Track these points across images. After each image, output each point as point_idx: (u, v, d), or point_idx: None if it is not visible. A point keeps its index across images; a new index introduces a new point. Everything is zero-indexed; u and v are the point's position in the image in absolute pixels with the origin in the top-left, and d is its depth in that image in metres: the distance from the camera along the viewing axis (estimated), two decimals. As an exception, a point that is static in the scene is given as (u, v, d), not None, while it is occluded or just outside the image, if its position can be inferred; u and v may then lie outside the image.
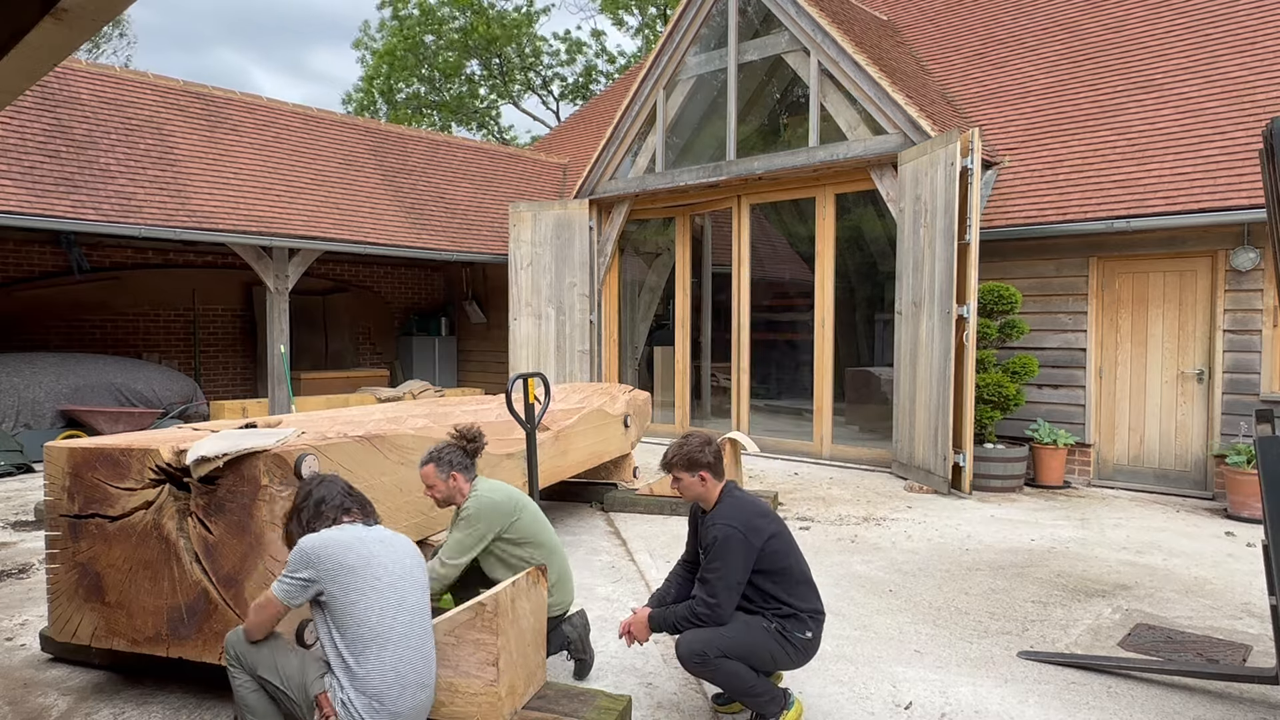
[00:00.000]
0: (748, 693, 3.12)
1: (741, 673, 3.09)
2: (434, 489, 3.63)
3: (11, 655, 3.95)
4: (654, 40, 27.82)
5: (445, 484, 3.61)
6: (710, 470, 3.34)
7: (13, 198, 8.14)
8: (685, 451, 3.35)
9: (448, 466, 3.60)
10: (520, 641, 3.06)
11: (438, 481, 3.60)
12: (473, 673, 2.93)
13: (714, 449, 3.37)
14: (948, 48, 11.20)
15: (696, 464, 3.34)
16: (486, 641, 2.92)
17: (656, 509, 6.76)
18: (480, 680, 2.92)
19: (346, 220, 10.91)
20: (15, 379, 9.07)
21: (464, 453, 3.68)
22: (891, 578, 5.13)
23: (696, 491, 3.37)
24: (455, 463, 3.62)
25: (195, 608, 3.24)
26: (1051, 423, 8.21)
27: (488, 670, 2.92)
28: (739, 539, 3.16)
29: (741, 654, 3.11)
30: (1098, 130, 8.58)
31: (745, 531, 3.18)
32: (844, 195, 9.52)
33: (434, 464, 3.61)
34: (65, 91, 9.70)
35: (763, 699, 3.14)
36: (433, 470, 3.60)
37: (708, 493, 3.38)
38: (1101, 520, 6.66)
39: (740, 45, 9.87)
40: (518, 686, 3.04)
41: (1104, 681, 3.66)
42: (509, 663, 2.97)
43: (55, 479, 3.49)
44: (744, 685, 3.10)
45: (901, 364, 8.38)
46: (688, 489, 3.38)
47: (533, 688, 3.16)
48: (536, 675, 3.20)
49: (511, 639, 3.00)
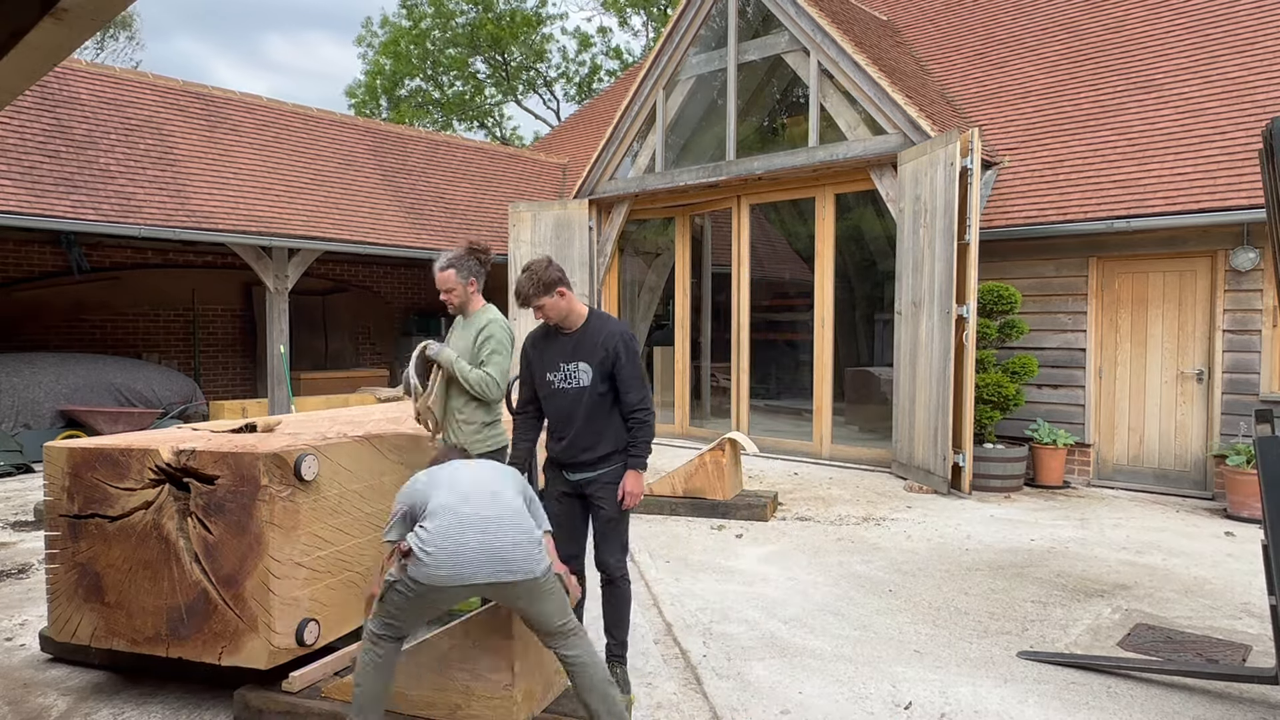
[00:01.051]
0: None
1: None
2: (452, 293, 3.79)
3: (11, 655, 3.95)
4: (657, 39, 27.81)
5: (463, 288, 3.78)
6: (564, 284, 3.35)
7: (13, 198, 8.13)
8: (535, 278, 3.33)
9: (467, 273, 3.77)
10: (537, 647, 3.06)
11: (457, 285, 3.77)
12: (488, 676, 2.93)
13: (557, 266, 3.37)
14: (948, 48, 11.21)
15: (551, 284, 3.33)
16: (502, 646, 2.92)
17: (655, 509, 6.76)
18: (496, 684, 2.92)
19: (346, 220, 10.91)
20: (15, 379, 9.06)
21: (478, 262, 3.84)
22: (891, 578, 5.13)
23: (561, 310, 3.37)
24: (473, 270, 3.79)
25: (195, 608, 3.24)
26: (1051, 423, 8.21)
27: (503, 674, 2.91)
28: (636, 342, 3.42)
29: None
30: (1098, 130, 8.58)
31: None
32: (844, 195, 9.52)
33: (454, 269, 3.76)
34: (65, 91, 9.69)
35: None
36: (453, 275, 3.76)
37: (571, 307, 3.39)
38: (1101, 520, 6.66)
39: (740, 45, 9.87)
40: (534, 692, 3.03)
41: (1104, 681, 3.66)
42: (525, 668, 2.97)
43: (55, 479, 3.49)
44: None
45: (901, 364, 8.38)
46: (552, 310, 3.36)
47: (551, 694, 3.16)
48: (555, 682, 3.20)
49: (529, 643, 3.00)
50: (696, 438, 10.91)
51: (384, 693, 2.84)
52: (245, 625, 3.17)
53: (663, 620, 4.39)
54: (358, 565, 3.57)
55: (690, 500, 6.72)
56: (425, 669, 3.01)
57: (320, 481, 3.36)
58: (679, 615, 4.45)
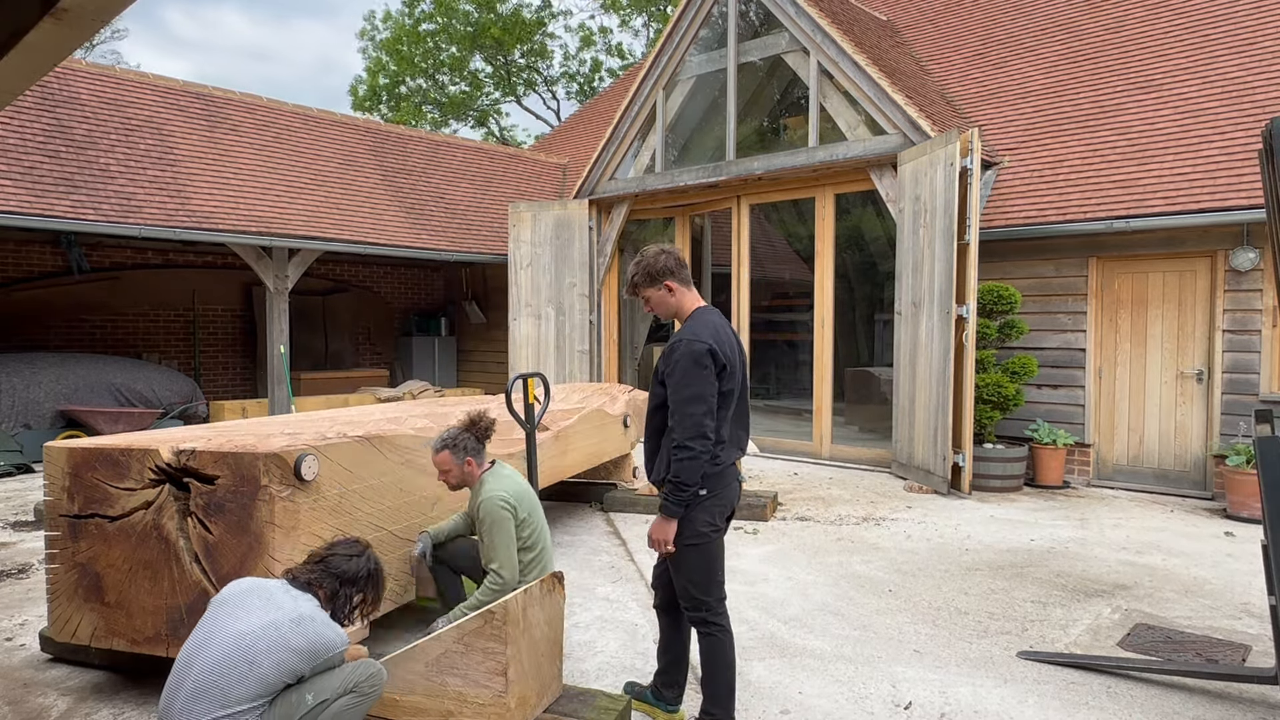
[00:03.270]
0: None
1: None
2: (448, 474, 3.77)
3: (11, 655, 3.95)
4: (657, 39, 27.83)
5: (460, 469, 3.76)
6: (675, 278, 2.97)
7: (13, 198, 8.13)
8: (641, 265, 2.98)
9: (462, 453, 3.76)
10: (533, 651, 3.02)
11: (453, 466, 3.75)
12: (482, 682, 2.89)
13: (674, 256, 2.97)
14: (947, 48, 11.21)
15: (658, 275, 2.97)
16: (495, 650, 2.87)
17: (656, 509, 6.75)
18: (489, 690, 2.88)
19: (346, 220, 10.91)
20: (15, 379, 9.07)
21: (475, 439, 3.82)
22: (891, 578, 5.13)
23: (669, 306, 2.99)
24: (469, 448, 3.78)
25: (195, 608, 3.24)
26: (1051, 423, 8.21)
27: (496, 680, 2.87)
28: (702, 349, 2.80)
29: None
30: (1098, 130, 8.58)
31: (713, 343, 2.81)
32: (844, 195, 9.52)
33: (449, 450, 3.75)
34: (65, 91, 9.69)
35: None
36: (448, 456, 3.74)
37: (681, 304, 2.99)
38: (1101, 520, 6.67)
39: (740, 45, 9.87)
40: (529, 698, 3.00)
41: (1103, 681, 3.66)
42: (519, 673, 2.92)
43: (55, 479, 3.49)
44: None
45: (901, 364, 8.38)
46: (658, 305, 3.00)
47: (546, 699, 3.12)
48: (550, 687, 3.16)
49: (523, 648, 2.95)
50: (696, 438, 10.88)
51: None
52: (245, 625, 3.16)
53: (662, 620, 4.39)
54: (358, 565, 3.56)
55: (690, 500, 6.71)
56: (416, 675, 2.98)
57: (320, 481, 3.37)
58: (679, 615, 4.45)
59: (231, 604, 2.57)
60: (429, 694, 2.97)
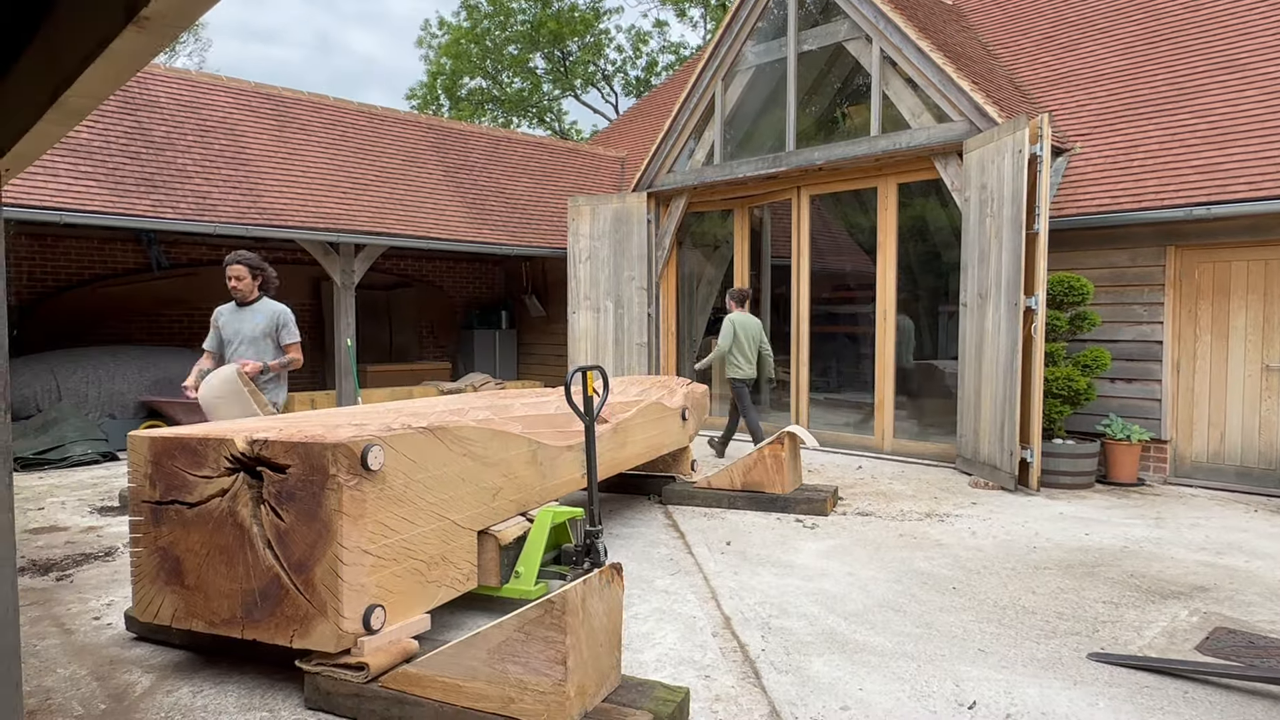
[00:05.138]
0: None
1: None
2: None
3: (99, 634, 4.15)
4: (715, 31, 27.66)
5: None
6: None
7: (97, 198, 8.51)
8: None
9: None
10: (591, 641, 3.05)
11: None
12: (542, 670, 2.94)
13: None
14: (1015, 31, 10.87)
15: None
16: (555, 639, 2.91)
17: (714, 502, 6.75)
18: (549, 679, 2.92)
19: (410, 216, 11.13)
20: (100, 371, 9.51)
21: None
22: (955, 575, 5.03)
23: None
24: (734, 297, 4.76)
25: (268, 592, 3.36)
26: (1125, 418, 7.93)
27: (556, 669, 2.91)
28: None
29: None
30: (1176, 114, 8.23)
31: None
32: (906, 185, 9.33)
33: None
34: (145, 95, 10.09)
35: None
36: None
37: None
38: (1178, 519, 6.42)
39: (800, 34, 9.75)
40: (588, 687, 3.03)
41: (1180, 686, 3.53)
42: (578, 662, 2.96)
43: (138, 467, 3.65)
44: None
45: (966, 357, 8.19)
46: None
47: (605, 689, 3.16)
48: (609, 677, 3.19)
49: (582, 638, 2.99)
50: (755, 431, 10.84)
51: None
52: (315, 610, 3.27)
53: (721, 613, 4.39)
54: (422, 553, 3.65)
55: (748, 494, 6.69)
56: (478, 661, 3.04)
57: (386, 471, 3.45)
58: (737, 609, 4.44)
59: None
60: (490, 680, 3.03)
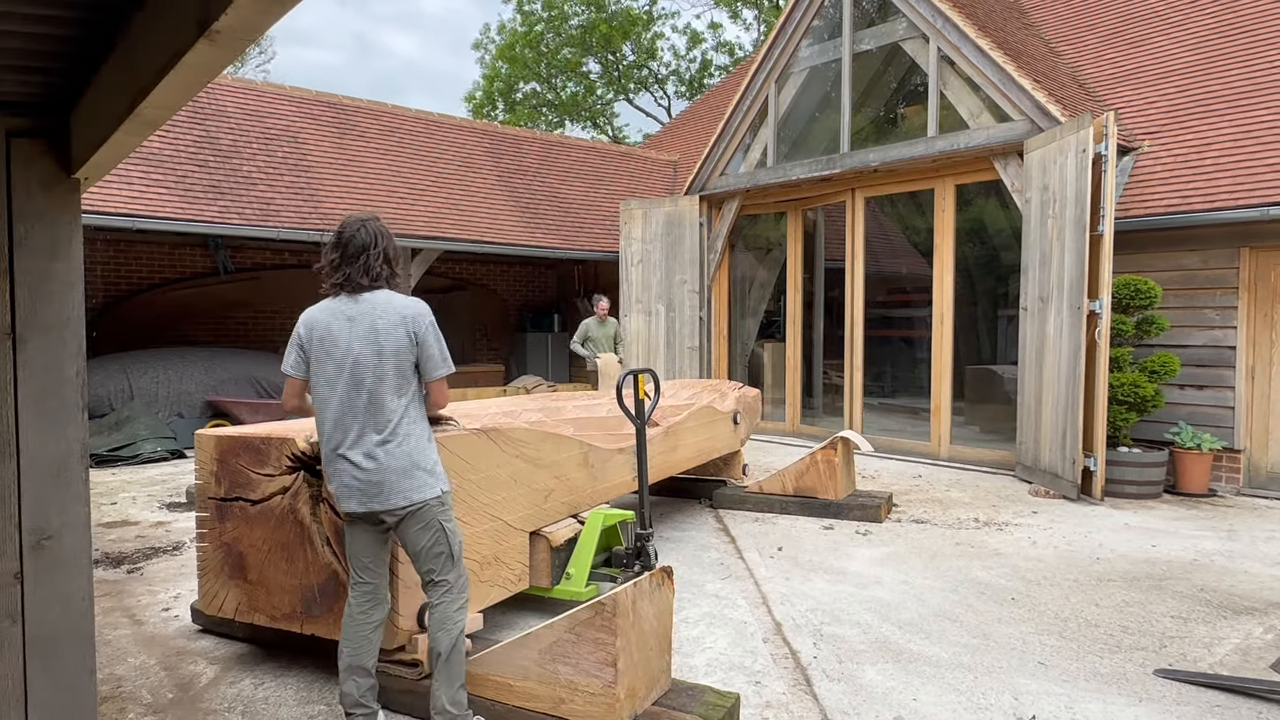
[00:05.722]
0: None
1: None
2: None
3: (167, 625, 4.30)
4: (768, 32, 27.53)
5: None
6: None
7: (168, 205, 8.84)
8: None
9: None
10: (642, 644, 3.06)
11: None
12: (592, 672, 2.96)
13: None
14: (1080, 27, 10.58)
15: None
16: (605, 641, 2.93)
17: (766, 507, 6.70)
18: (599, 680, 2.94)
19: (465, 220, 11.30)
20: (169, 372, 9.86)
21: None
22: (1014, 585, 4.91)
23: None
24: None
25: (326, 588, 3.44)
26: (1195, 426, 7.64)
27: (606, 671, 2.93)
28: None
29: None
30: (1251, 110, 7.92)
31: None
32: (964, 186, 9.14)
33: None
34: (213, 105, 10.44)
35: None
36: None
37: None
38: (1252, 532, 6.16)
39: (855, 34, 9.64)
40: (638, 689, 3.04)
41: (1253, 706, 3.39)
42: (629, 664, 2.97)
43: (204, 464, 3.77)
44: None
45: (1026, 362, 7.99)
46: None
47: (655, 692, 3.16)
48: (659, 680, 3.19)
49: (632, 641, 2.99)
50: (807, 436, 10.74)
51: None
52: (372, 606, 3.33)
53: (772, 619, 4.36)
54: (474, 553, 3.70)
55: (800, 499, 6.62)
56: (530, 661, 3.07)
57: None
58: (788, 615, 4.40)
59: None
60: (541, 680, 3.05)
